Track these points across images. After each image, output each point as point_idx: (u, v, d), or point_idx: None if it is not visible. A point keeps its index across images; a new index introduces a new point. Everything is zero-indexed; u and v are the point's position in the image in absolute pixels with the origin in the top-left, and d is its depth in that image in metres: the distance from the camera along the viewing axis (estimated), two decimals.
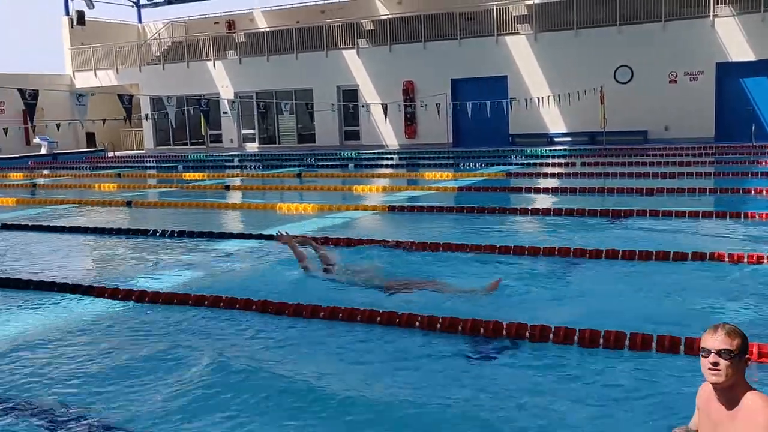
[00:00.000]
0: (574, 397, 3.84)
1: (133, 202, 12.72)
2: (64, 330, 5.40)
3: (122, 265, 7.88)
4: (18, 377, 4.44)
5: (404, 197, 12.30)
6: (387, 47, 27.20)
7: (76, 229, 9.90)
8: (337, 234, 8.55)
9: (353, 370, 4.37)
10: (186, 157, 25.58)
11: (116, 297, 6.20)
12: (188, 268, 7.44)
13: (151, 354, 4.77)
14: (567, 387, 4.00)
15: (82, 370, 4.52)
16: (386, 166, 18.68)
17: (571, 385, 4.03)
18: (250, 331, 5.23)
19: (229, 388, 4.11)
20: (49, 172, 21.80)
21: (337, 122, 28.22)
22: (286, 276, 6.85)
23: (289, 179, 16.60)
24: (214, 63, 30.32)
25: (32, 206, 13.07)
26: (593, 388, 3.97)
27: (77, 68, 33.24)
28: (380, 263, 6.93)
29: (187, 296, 5.96)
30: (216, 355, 4.64)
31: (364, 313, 5.26)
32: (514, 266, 6.89)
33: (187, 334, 5.24)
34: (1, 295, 6.47)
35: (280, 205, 11.30)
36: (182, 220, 10.59)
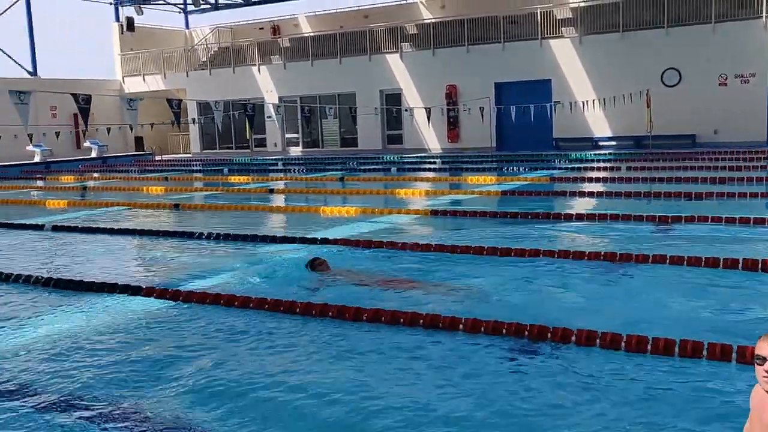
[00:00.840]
0: (622, 403, 3.79)
1: (181, 204, 12.95)
2: (113, 329, 5.52)
3: (169, 266, 8.02)
4: (68, 376, 4.54)
5: (447, 201, 12.28)
6: (430, 51, 27.20)
7: (125, 231, 10.11)
8: (380, 237, 8.58)
9: (404, 375, 4.36)
10: (231, 161, 25.93)
11: (164, 297, 6.32)
12: (233, 270, 7.53)
13: (199, 354, 4.84)
14: (613, 392, 3.95)
15: (131, 369, 4.61)
16: (429, 170, 18.67)
17: (617, 391, 3.98)
18: (295, 333, 5.26)
19: (275, 390, 4.15)
20: (99, 175, 22.31)
21: (379, 126, 28.31)
22: (330, 278, 6.89)
23: (332, 183, 16.69)
24: (259, 68, 30.69)
25: (83, 208, 13.40)
26: (641, 394, 3.91)
27: (127, 73, 33.98)
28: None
29: (233, 297, 6.04)
30: (260, 358, 4.70)
31: (406, 315, 5.27)
32: (559, 271, 6.82)
33: (232, 335, 5.31)
34: (53, 296, 6.64)
35: (323, 209, 11.39)
36: (228, 223, 10.75)
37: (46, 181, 20.88)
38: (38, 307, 6.26)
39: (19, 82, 30.00)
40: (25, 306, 6.33)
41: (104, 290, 6.64)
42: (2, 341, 5.32)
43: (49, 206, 13.93)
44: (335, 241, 8.46)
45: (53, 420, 3.87)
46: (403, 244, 8.08)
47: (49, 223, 10.92)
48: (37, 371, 4.64)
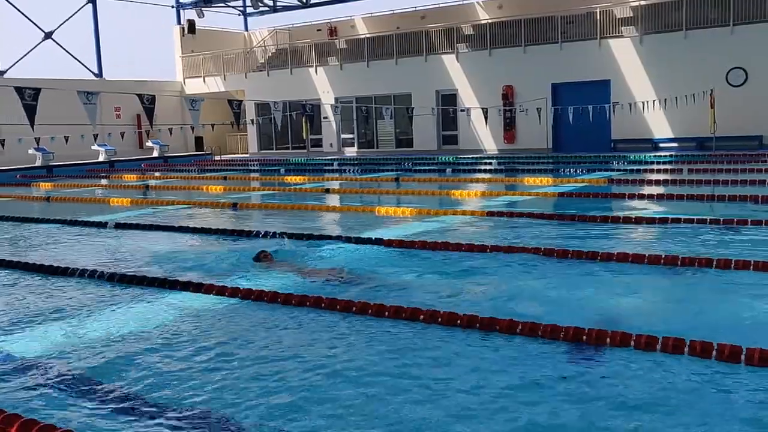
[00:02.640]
0: (688, 410, 3.71)
1: (239, 204, 13.17)
2: (173, 325, 5.65)
3: (227, 263, 8.15)
4: (128, 369, 4.66)
5: (503, 202, 12.18)
6: (486, 51, 27.04)
7: (185, 229, 10.33)
8: (435, 238, 8.57)
9: (466, 376, 4.34)
10: (287, 161, 26.24)
11: (223, 294, 6.44)
12: (289, 269, 7.62)
13: (258, 351, 4.92)
14: (677, 399, 3.86)
15: (191, 365, 4.71)
16: (484, 171, 18.54)
17: (683, 398, 3.89)
18: (354, 333, 5.28)
19: (331, 388, 4.19)
20: (160, 174, 22.85)
21: (435, 127, 28.28)
22: (385, 279, 6.92)
23: (387, 183, 16.74)
24: (315, 69, 31.00)
25: (144, 206, 13.75)
26: (707, 402, 3.82)
27: (188, 75, 34.74)
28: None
29: (290, 296, 6.11)
30: (317, 355, 4.75)
31: (463, 318, 5.25)
32: (617, 274, 6.70)
33: (288, 332, 5.38)
34: (116, 290, 6.83)
35: (378, 209, 11.43)
36: (284, 222, 10.89)
37: (110, 179, 21.50)
38: (101, 302, 6.45)
39: (86, 83, 30.99)
40: (88, 300, 6.53)
41: (165, 286, 6.81)
42: (67, 335, 5.50)
43: (112, 204, 14.34)
44: (389, 241, 8.48)
45: (113, 413, 3.97)
46: (457, 244, 8.05)
47: (112, 220, 11.24)
48: (98, 364, 4.78)
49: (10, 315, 6.11)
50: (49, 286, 7.14)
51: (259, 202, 13.62)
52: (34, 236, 10.66)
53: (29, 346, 5.18)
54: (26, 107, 11.49)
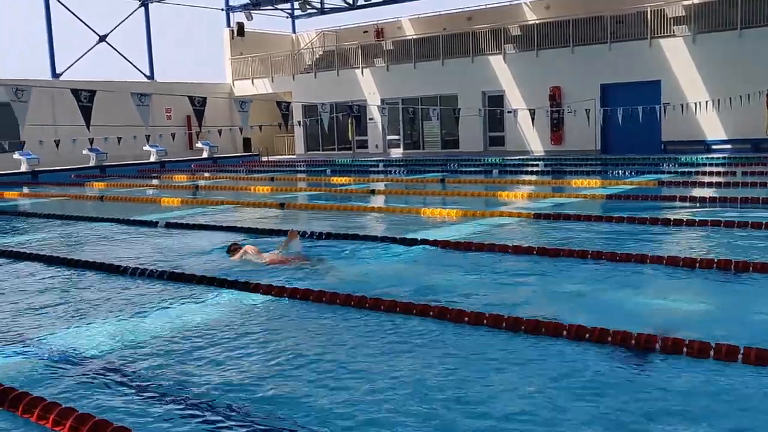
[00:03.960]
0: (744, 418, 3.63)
1: (286, 204, 13.32)
2: (220, 322, 5.75)
3: (298, 263, 8.23)
4: (176, 365, 4.76)
5: (550, 204, 12.07)
6: (534, 52, 26.80)
7: (233, 229, 10.49)
8: (482, 239, 8.54)
9: (521, 384, 4.32)
10: (334, 162, 26.41)
11: (270, 293, 6.52)
12: (336, 268, 7.68)
13: (307, 350, 4.98)
14: (725, 407, 3.78)
15: (240, 364, 4.78)
16: (531, 173, 18.38)
17: (734, 406, 3.81)
18: (409, 333, 5.29)
19: (384, 389, 4.22)
20: (209, 175, 23.22)
21: (481, 128, 28.13)
22: (433, 279, 6.93)
23: (433, 184, 16.73)
24: (362, 70, 31.13)
25: (194, 206, 14.00)
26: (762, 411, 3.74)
27: (236, 77, 35.24)
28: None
29: (336, 295, 6.15)
30: (368, 356, 4.78)
31: (508, 320, 5.22)
32: (669, 278, 6.59)
33: (337, 331, 5.43)
34: (169, 288, 6.98)
35: (423, 210, 11.44)
36: (330, 222, 10.97)
37: (160, 179, 21.94)
38: (153, 299, 6.59)
39: (138, 85, 31.68)
40: (141, 298, 6.68)
41: (213, 284, 6.94)
42: (119, 331, 5.64)
43: (163, 204, 14.64)
44: (435, 242, 8.48)
45: (161, 408, 4.05)
46: (503, 245, 8.01)
47: (162, 219, 11.48)
48: (148, 360, 4.89)
49: (68, 312, 6.29)
50: (104, 284, 7.33)
51: (305, 203, 13.74)
52: (90, 234, 10.95)
53: (85, 343, 5.32)
54: (82, 108, 11.85)
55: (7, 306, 6.54)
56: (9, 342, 5.39)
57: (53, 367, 4.81)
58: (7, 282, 7.61)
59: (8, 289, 7.24)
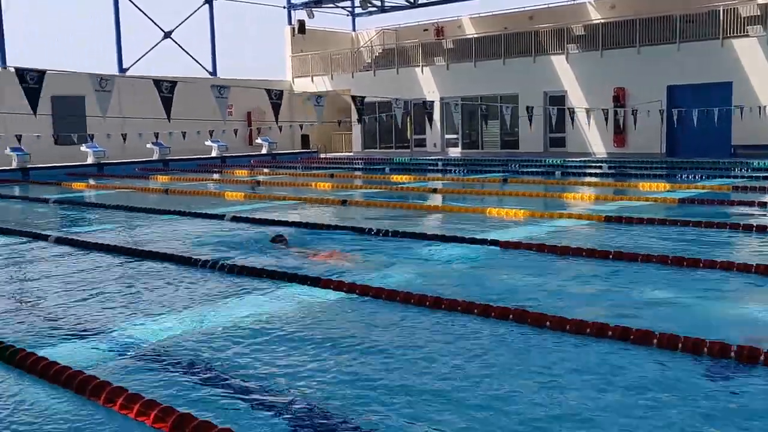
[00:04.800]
0: None
1: (348, 200, 13.32)
2: (298, 319, 5.73)
3: (343, 259, 8.22)
4: (247, 363, 4.72)
5: (618, 207, 11.76)
6: (598, 52, 26.30)
7: (296, 224, 10.49)
8: (552, 241, 8.36)
9: (601, 391, 4.19)
10: (392, 160, 26.38)
11: (340, 289, 6.48)
12: (402, 266, 7.61)
13: (377, 349, 4.92)
14: None
15: (310, 361, 4.73)
16: (597, 175, 18.01)
17: None
18: (489, 337, 5.17)
19: (458, 391, 4.13)
20: (270, 171, 23.42)
21: (542, 128, 27.72)
22: (505, 281, 6.80)
23: (494, 184, 16.51)
24: (422, 69, 31.02)
25: (257, 201, 14.12)
26: None
27: (296, 74, 35.53)
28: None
29: (410, 295, 6.07)
30: (438, 356, 4.69)
31: (578, 323, 5.06)
32: (742, 285, 6.33)
33: (410, 331, 5.35)
34: (239, 281, 7.01)
35: (489, 210, 11.27)
36: (393, 220, 10.91)
37: (222, 174, 22.24)
38: (225, 292, 6.62)
39: (201, 81, 32.19)
40: (212, 290, 6.73)
41: (285, 279, 6.93)
42: (192, 323, 5.67)
43: (227, 198, 14.81)
44: (507, 243, 8.33)
45: (232, 402, 4.03)
46: (578, 249, 7.81)
47: (228, 213, 11.59)
48: (218, 354, 4.88)
49: (140, 304, 6.35)
50: (176, 275, 7.41)
51: (366, 200, 13.71)
52: (158, 226, 11.13)
53: (156, 335, 5.35)
54: (163, 99, 12.11)
55: (82, 296, 6.66)
56: (85, 332, 5.46)
57: (132, 358, 4.86)
58: (81, 273, 7.76)
59: (82, 280, 7.37)
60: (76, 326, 5.61)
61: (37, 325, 5.66)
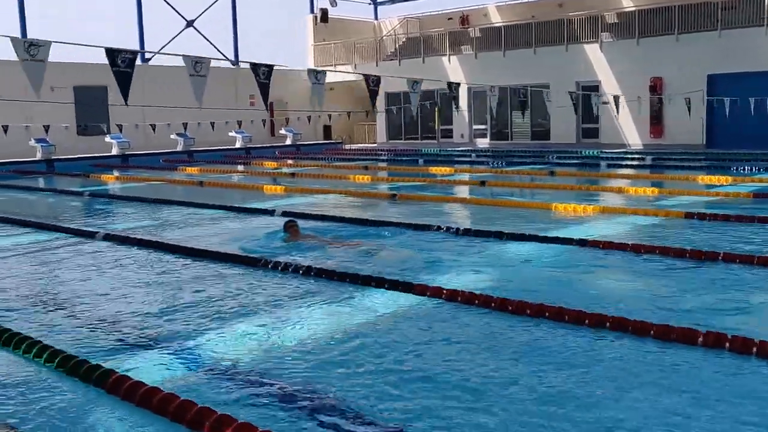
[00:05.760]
0: None
1: (398, 195, 12.73)
2: (370, 326, 5.21)
3: (414, 258, 7.65)
4: (324, 378, 4.22)
5: (689, 202, 11.13)
6: (634, 41, 25.54)
7: (355, 221, 9.92)
8: (638, 240, 7.77)
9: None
10: (420, 151, 25.75)
11: (425, 294, 5.93)
12: (482, 267, 7.05)
13: (462, 359, 4.44)
14: None
15: (398, 380, 4.19)
16: (646, 167, 17.35)
17: None
18: (575, 345, 4.64)
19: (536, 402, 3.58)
20: (300, 162, 22.82)
21: (574, 119, 27.00)
22: (590, 282, 6.24)
23: (542, 177, 15.89)
24: (449, 58, 30.34)
25: (300, 195, 13.55)
26: None
27: (319, 64, 34.86)
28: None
29: (490, 298, 5.49)
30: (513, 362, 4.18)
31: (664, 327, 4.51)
32: None
33: (500, 341, 4.82)
34: (310, 284, 6.45)
35: (555, 205, 10.67)
36: (453, 216, 10.35)
37: (252, 166, 21.68)
38: (292, 296, 6.07)
39: (223, 71, 31.63)
40: (279, 295, 6.17)
41: (346, 280, 6.37)
42: (260, 332, 5.11)
43: (267, 191, 14.25)
44: (582, 241, 7.73)
45: (306, 413, 3.63)
46: (664, 248, 7.23)
47: (278, 208, 11.03)
48: (295, 367, 4.37)
49: (209, 311, 5.74)
50: (241, 278, 6.86)
51: (414, 194, 13.12)
52: (205, 222, 10.58)
53: (231, 346, 4.81)
54: (261, 85, 11.68)
55: (147, 301, 6.12)
56: (156, 344, 4.90)
57: (206, 371, 4.35)
58: (139, 274, 7.22)
59: (142, 282, 6.83)
60: (146, 337, 5.05)
61: (104, 337, 5.10)
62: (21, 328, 5.09)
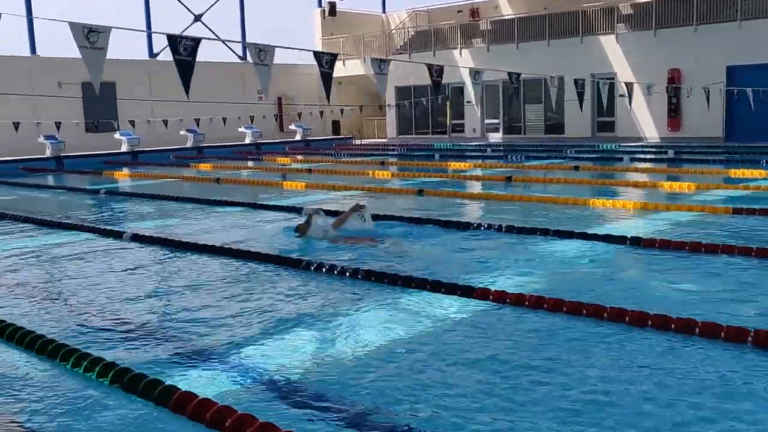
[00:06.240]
0: None
1: (424, 190, 12.38)
2: (429, 333, 4.87)
3: (462, 258, 7.30)
4: (380, 392, 3.88)
5: (727, 197, 10.78)
6: (651, 32, 25.14)
7: (389, 218, 9.56)
8: (687, 237, 7.43)
9: None
10: (432, 146, 25.38)
11: (486, 298, 5.58)
12: (532, 266, 6.71)
13: (520, 362, 4.15)
14: None
15: (464, 394, 3.86)
16: (669, 161, 16.99)
17: None
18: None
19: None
20: (310, 158, 22.46)
21: (589, 112, 26.63)
22: (639, 283, 5.89)
23: (567, 172, 15.52)
24: (460, 51, 29.94)
25: (321, 191, 13.20)
26: None
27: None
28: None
29: (580, 305, 5.15)
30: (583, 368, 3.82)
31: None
32: None
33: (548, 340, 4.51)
34: (358, 287, 6.11)
35: (593, 201, 10.31)
36: (487, 212, 9.99)
37: (263, 161, 21.31)
38: (342, 301, 5.72)
39: (231, 66, 31.29)
40: (326, 299, 5.83)
41: (410, 285, 6.01)
42: (316, 344, 4.77)
43: (287, 188, 13.90)
44: (649, 241, 7.38)
45: None
46: (713, 245, 6.90)
47: (306, 206, 10.66)
48: (353, 381, 4.01)
49: (255, 317, 5.36)
50: (283, 280, 6.51)
51: (441, 190, 12.77)
52: (233, 220, 10.23)
53: (281, 356, 4.46)
54: (324, 75, 11.44)
55: (190, 306, 5.76)
56: (203, 354, 4.56)
57: (259, 384, 4.03)
58: (177, 277, 6.87)
59: (182, 286, 6.47)
60: (194, 346, 4.70)
61: (150, 346, 4.74)
62: (61, 337, 4.76)
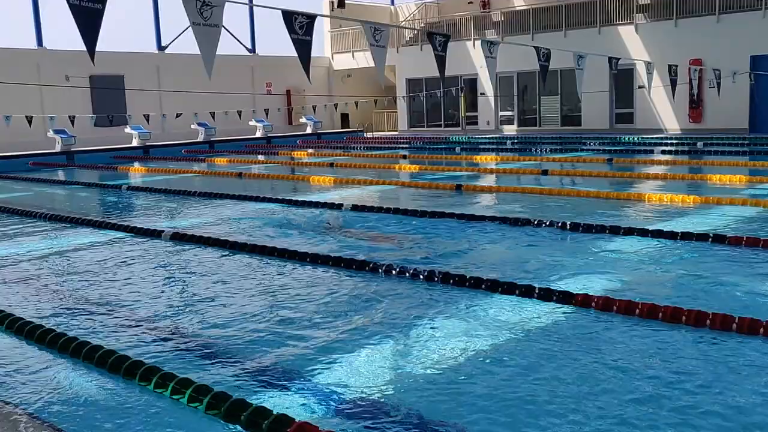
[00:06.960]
0: None
1: (462, 186, 11.89)
2: (521, 344, 4.39)
3: (521, 258, 6.83)
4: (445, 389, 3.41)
5: None
6: (672, 21, 24.65)
7: (422, 214, 9.07)
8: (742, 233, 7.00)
9: None
10: (449, 139, 24.88)
11: (550, 299, 5.14)
12: (607, 267, 6.25)
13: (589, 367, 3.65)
14: None
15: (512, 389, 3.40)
16: (702, 153, 16.49)
17: None
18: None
19: None
20: (322, 151, 21.94)
21: (607, 104, 26.16)
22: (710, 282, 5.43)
23: (600, 165, 15.04)
24: (473, 42, 29.42)
25: (351, 186, 12.71)
26: None
27: (335, 50, 33.96)
28: None
29: (671, 310, 4.68)
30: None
31: None
32: None
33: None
34: (432, 291, 5.64)
35: (648, 195, 9.83)
36: (531, 209, 9.52)
37: (278, 155, 20.79)
38: (418, 308, 5.24)
39: (240, 59, 30.74)
40: (405, 307, 5.35)
41: (489, 288, 5.54)
42: (395, 358, 4.29)
43: (313, 182, 13.41)
44: (736, 239, 6.91)
45: None
46: None
47: (346, 202, 10.18)
48: (443, 403, 3.55)
49: (329, 329, 4.88)
50: (350, 284, 6.03)
51: (480, 185, 12.29)
52: (269, 218, 9.73)
53: (360, 374, 4.00)
54: (438, 57, 11.17)
55: (260, 318, 5.28)
56: (282, 373, 4.08)
57: (342, 404, 3.55)
58: (235, 282, 6.37)
59: (243, 293, 5.97)
60: (269, 366, 4.20)
61: (226, 368, 4.24)
62: (124, 350, 4.27)
